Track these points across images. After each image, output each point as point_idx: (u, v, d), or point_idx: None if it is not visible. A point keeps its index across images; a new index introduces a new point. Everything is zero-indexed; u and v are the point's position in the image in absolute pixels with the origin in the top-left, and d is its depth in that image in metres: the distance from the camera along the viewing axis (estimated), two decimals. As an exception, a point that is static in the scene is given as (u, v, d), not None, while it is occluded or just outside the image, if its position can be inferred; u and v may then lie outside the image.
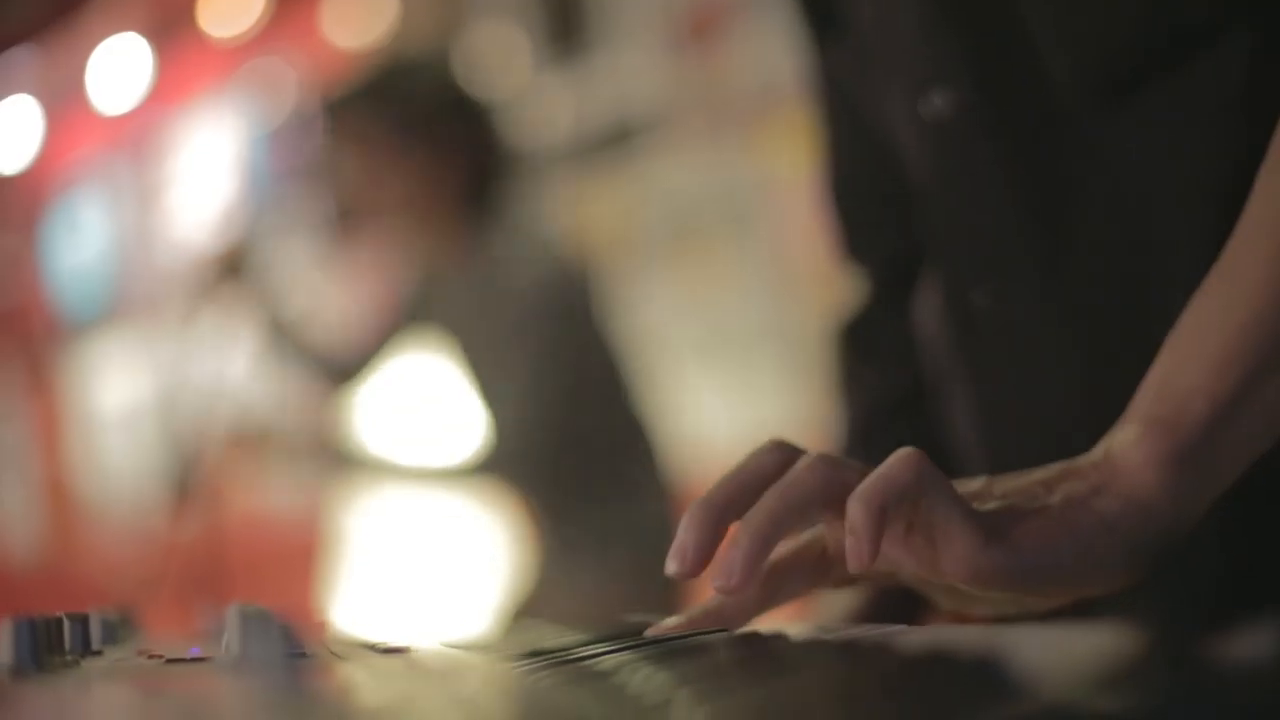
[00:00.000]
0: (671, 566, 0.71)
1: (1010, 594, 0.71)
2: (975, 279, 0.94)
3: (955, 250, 0.96)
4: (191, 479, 2.87)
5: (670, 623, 0.74)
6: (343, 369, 2.93)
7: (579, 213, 4.42)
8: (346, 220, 2.92)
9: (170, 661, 0.71)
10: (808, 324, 3.97)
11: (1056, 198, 0.89)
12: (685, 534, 0.71)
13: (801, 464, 0.72)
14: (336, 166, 2.82)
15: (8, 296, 6.77)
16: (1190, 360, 0.73)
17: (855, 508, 0.67)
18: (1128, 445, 0.72)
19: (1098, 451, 0.73)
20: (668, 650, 0.63)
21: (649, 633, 0.72)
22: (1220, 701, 0.41)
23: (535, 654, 0.65)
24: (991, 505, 0.71)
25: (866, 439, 1.15)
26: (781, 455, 0.74)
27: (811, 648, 0.61)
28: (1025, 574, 0.69)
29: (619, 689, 0.51)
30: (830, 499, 0.70)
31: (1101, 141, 0.86)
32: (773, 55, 4.00)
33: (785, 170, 4.00)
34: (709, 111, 4.15)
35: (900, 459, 0.69)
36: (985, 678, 0.47)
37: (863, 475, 0.69)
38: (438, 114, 2.70)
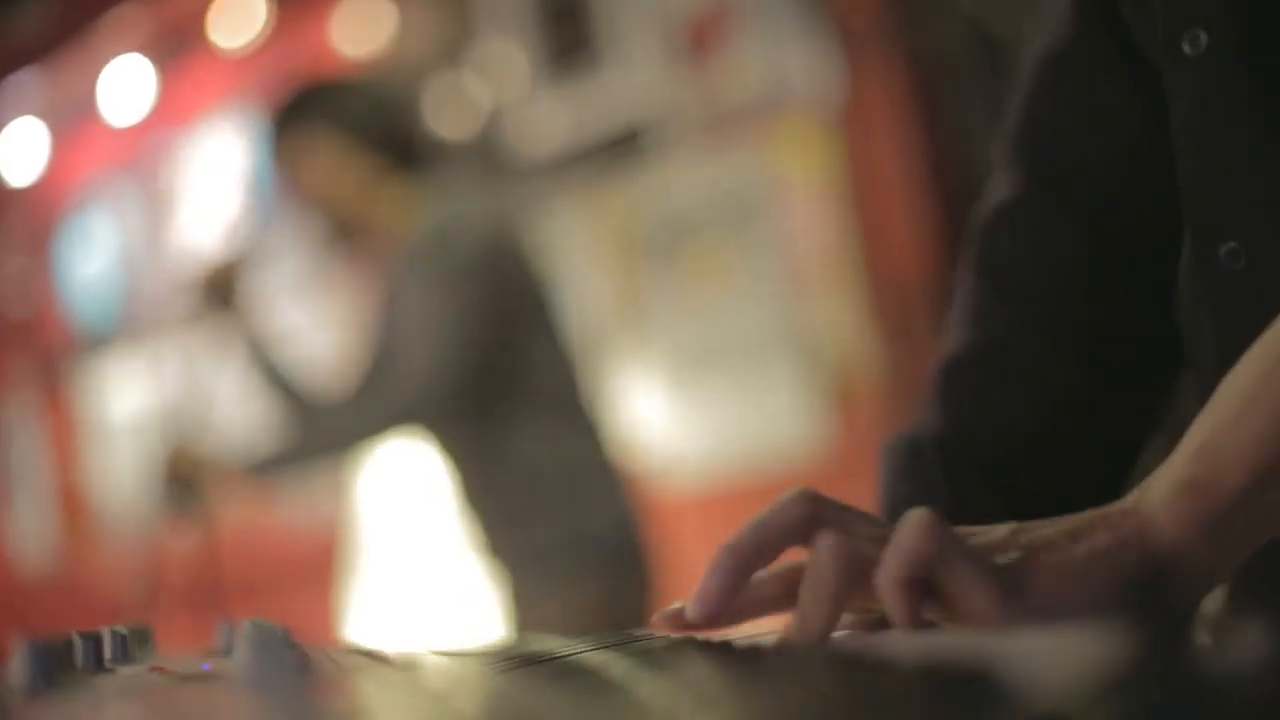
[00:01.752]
0: (693, 611, 0.72)
1: None
2: (1225, 233, 0.89)
3: (1207, 203, 0.91)
4: (188, 496, 2.88)
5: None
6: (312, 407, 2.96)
7: (584, 219, 4.44)
8: (322, 235, 2.94)
9: (183, 678, 0.72)
10: (811, 331, 3.98)
11: None
12: (710, 580, 0.72)
13: (822, 549, 0.72)
14: (285, 180, 2.90)
15: (21, 309, 6.79)
16: (1234, 425, 0.72)
17: (888, 596, 0.69)
18: (1160, 503, 0.72)
19: (1129, 501, 0.73)
20: (661, 659, 0.63)
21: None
22: (1210, 711, 0.41)
23: (527, 659, 0.66)
24: (1013, 555, 0.72)
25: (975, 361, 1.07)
26: (809, 510, 0.74)
27: (807, 660, 0.62)
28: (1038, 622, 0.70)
29: (610, 694, 0.51)
30: (853, 579, 0.71)
31: None
32: (777, 62, 4.02)
33: (791, 176, 4.01)
34: (712, 118, 4.16)
35: (914, 527, 0.70)
36: (980, 689, 0.47)
37: (878, 542, 0.70)
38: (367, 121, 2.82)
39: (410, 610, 4.24)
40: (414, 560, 4.28)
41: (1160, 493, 0.72)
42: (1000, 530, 0.74)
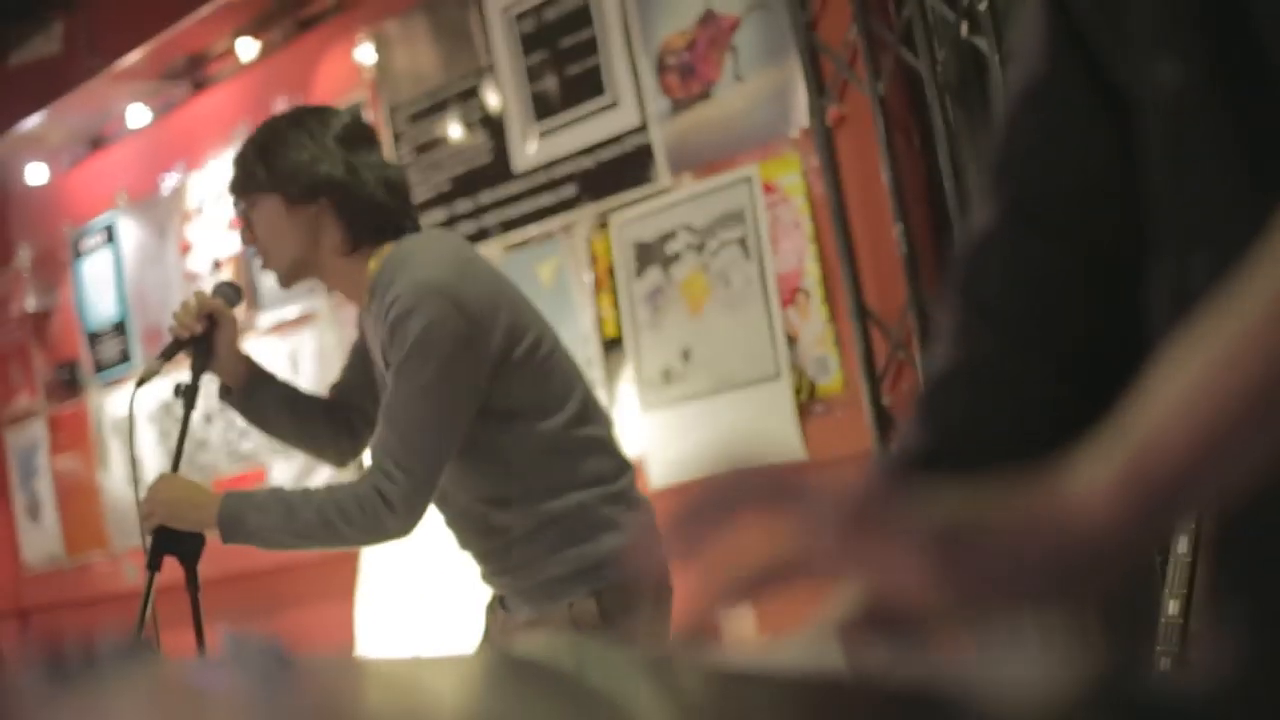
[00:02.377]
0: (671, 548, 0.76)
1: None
2: (1194, 246, 0.90)
3: (1176, 215, 0.93)
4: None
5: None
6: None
7: (572, 242, 4.47)
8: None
9: (166, 682, 0.74)
10: (794, 350, 4.00)
11: (1275, 178, 0.86)
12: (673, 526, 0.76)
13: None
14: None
15: (34, 303, 6.83)
16: (1179, 419, 0.72)
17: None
18: (1096, 493, 0.73)
19: (1063, 479, 0.74)
20: (637, 672, 0.67)
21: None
22: None
23: (513, 663, 0.69)
24: (940, 529, 0.74)
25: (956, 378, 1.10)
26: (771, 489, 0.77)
27: (768, 685, 0.65)
28: (963, 602, 0.73)
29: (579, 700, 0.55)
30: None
31: None
32: (765, 85, 4.04)
33: (779, 197, 4.03)
34: (703, 146, 4.19)
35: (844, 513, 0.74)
36: (945, 712, 0.50)
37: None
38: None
39: (420, 619, 4.25)
40: (423, 571, 4.30)
41: (1097, 482, 0.73)
42: (933, 501, 0.75)
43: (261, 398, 2.98)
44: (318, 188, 2.79)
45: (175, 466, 2.87)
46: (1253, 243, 0.77)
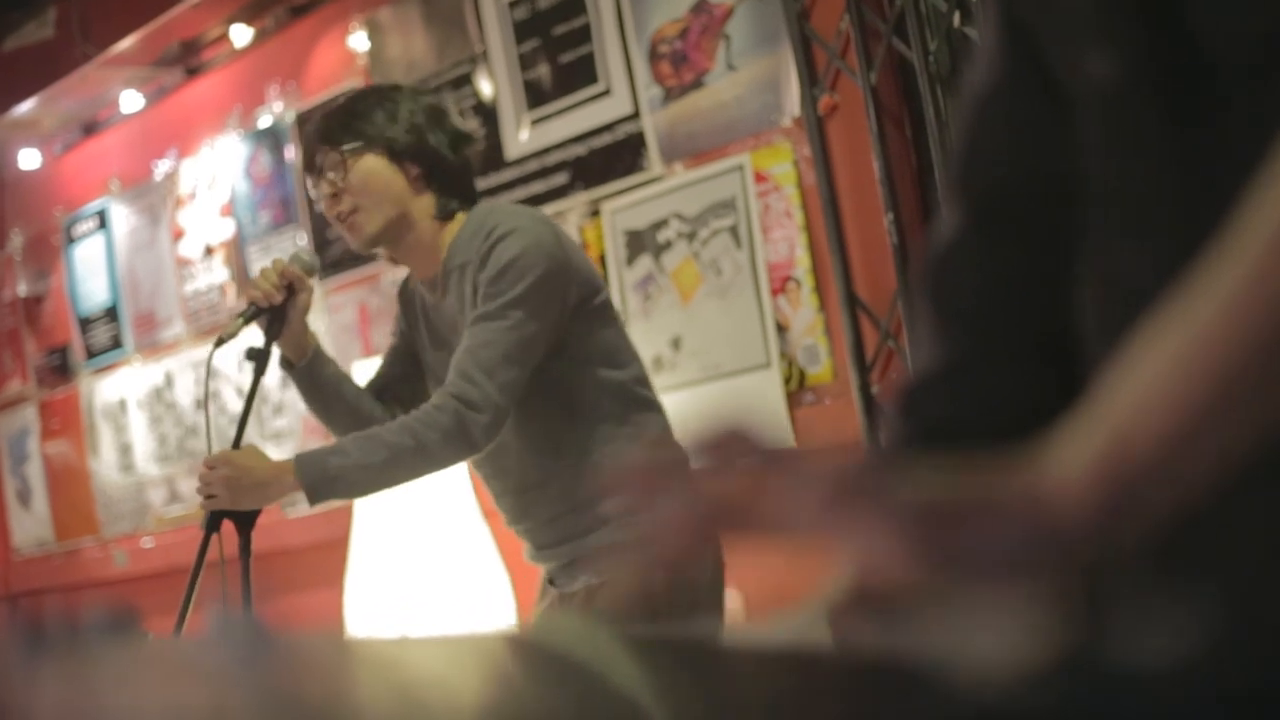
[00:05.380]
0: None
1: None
2: (1126, 236, 0.91)
3: (1108, 205, 0.93)
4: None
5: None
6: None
7: (567, 231, 4.47)
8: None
9: (144, 655, 0.75)
10: (785, 338, 4.00)
11: (1208, 166, 0.86)
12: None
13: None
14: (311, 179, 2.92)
15: (25, 289, 6.83)
16: (1154, 406, 0.72)
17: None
18: (1072, 466, 0.73)
19: (1042, 461, 0.74)
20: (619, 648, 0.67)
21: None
22: (1128, 698, 0.44)
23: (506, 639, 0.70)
24: (921, 505, 0.74)
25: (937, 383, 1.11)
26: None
27: (750, 655, 0.66)
28: (939, 573, 0.73)
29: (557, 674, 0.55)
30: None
31: (1253, 119, 0.83)
32: (758, 74, 4.05)
33: (770, 186, 4.04)
34: (695, 135, 4.20)
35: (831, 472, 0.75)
36: (912, 679, 0.51)
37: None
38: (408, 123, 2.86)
39: (409, 604, 4.26)
40: (412, 556, 4.31)
41: (1075, 464, 0.73)
42: (912, 479, 0.76)
43: (322, 375, 2.96)
44: (422, 151, 2.84)
45: (239, 436, 2.86)
46: (1183, 234, 0.80)
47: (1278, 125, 0.75)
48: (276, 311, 2.87)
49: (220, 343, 2.86)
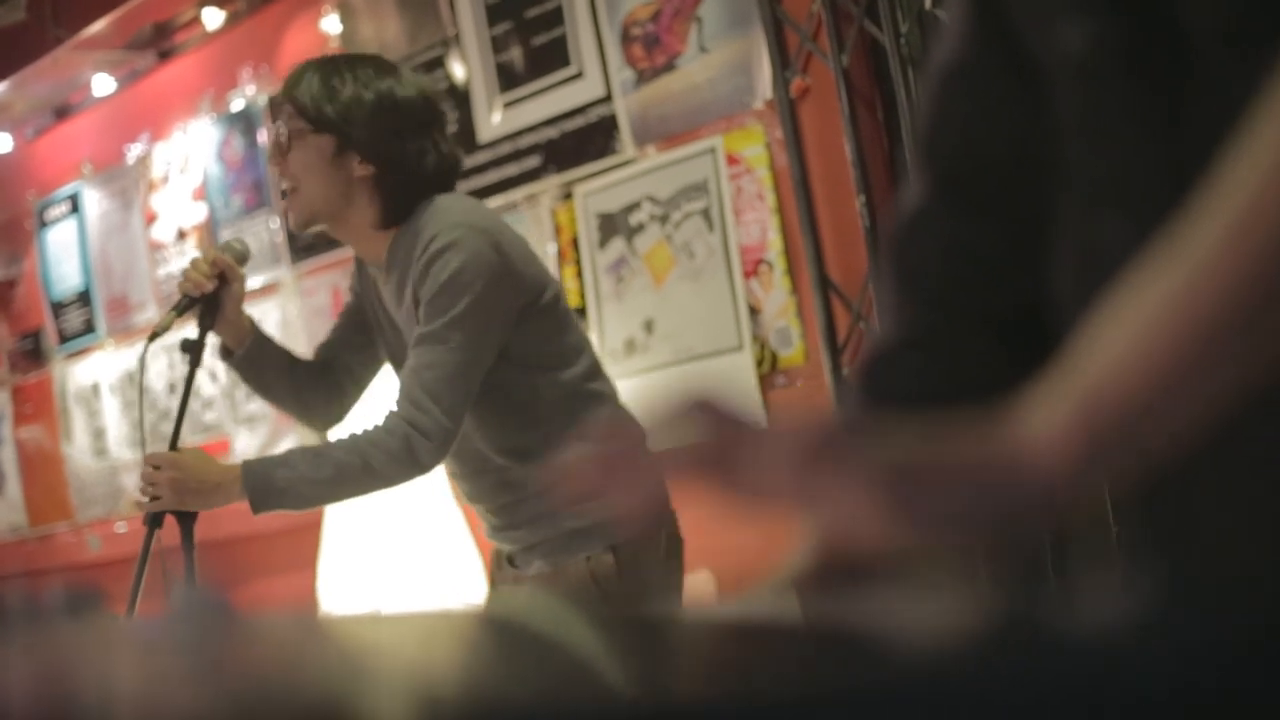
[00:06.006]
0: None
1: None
2: (1101, 207, 0.92)
3: (1083, 177, 0.94)
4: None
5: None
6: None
7: (540, 214, 4.47)
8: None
9: (118, 631, 0.76)
10: (756, 320, 4.01)
11: (1181, 134, 0.86)
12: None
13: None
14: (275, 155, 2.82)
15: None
16: (1128, 366, 0.73)
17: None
18: (1046, 424, 0.74)
19: (1016, 419, 0.75)
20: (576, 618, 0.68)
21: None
22: (1057, 665, 0.45)
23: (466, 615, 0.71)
24: (896, 464, 0.75)
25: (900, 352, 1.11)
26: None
27: (700, 623, 0.66)
28: (916, 535, 0.74)
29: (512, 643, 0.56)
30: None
31: (1227, 87, 0.82)
32: (730, 56, 4.05)
33: (742, 168, 4.04)
34: (668, 118, 4.20)
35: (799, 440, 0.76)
36: (856, 648, 0.51)
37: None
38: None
39: (383, 587, 4.27)
40: (385, 539, 4.31)
41: (1049, 423, 0.74)
42: (888, 438, 0.77)
43: (263, 360, 2.93)
44: (377, 153, 2.74)
45: (176, 432, 2.83)
46: (1159, 202, 0.80)
47: (1251, 94, 0.75)
48: (210, 301, 2.83)
49: (154, 336, 2.81)
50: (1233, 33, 0.84)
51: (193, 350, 2.83)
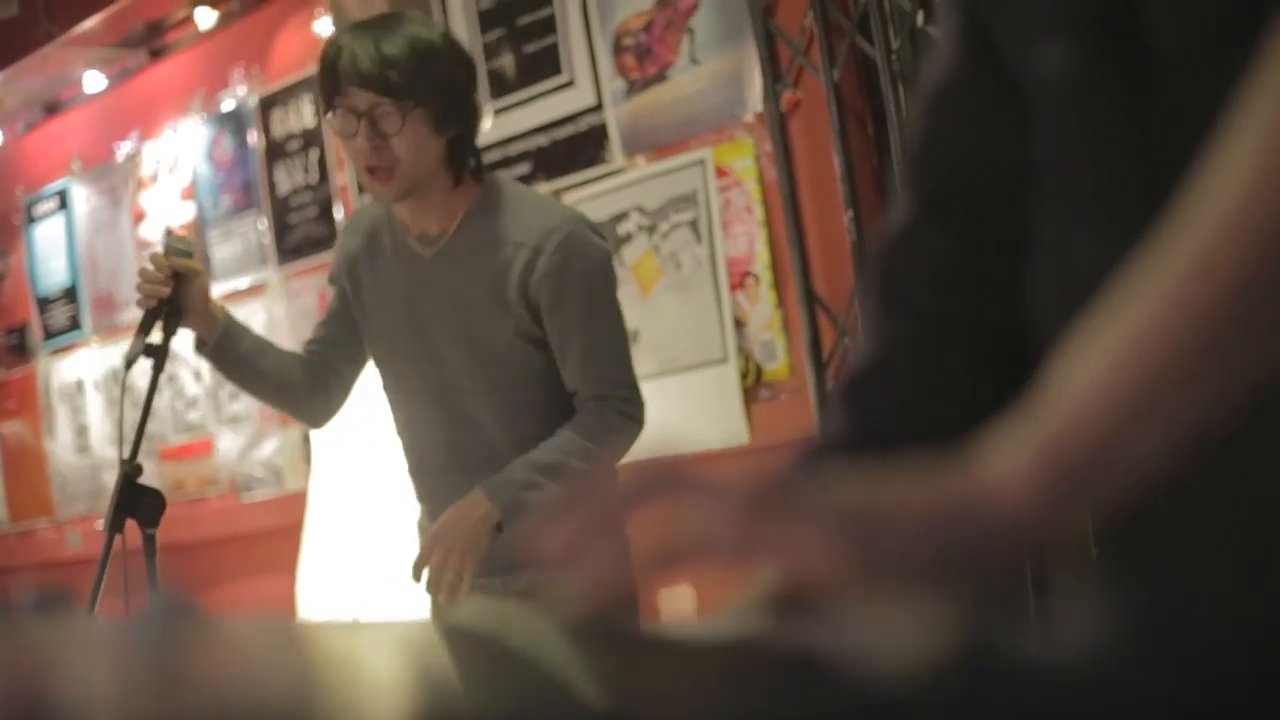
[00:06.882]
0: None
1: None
2: (1077, 229, 0.91)
3: (1060, 197, 0.93)
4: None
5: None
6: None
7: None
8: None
9: (88, 632, 0.76)
10: (742, 333, 4.01)
11: (1159, 154, 0.86)
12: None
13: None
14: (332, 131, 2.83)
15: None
16: (1095, 403, 0.72)
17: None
18: (1009, 465, 0.73)
19: (978, 461, 0.74)
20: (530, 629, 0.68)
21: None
22: (1027, 689, 0.45)
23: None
24: (847, 509, 0.73)
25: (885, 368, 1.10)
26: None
27: (659, 644, 0.66)
28: (874, 580, 0.72)
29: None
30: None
31: (1204, 106, 0.81)
32: (720, 68, 4.05)
33: (731, 181, 4.04)
34: (658, 128, 4.20)
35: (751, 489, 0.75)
36: (815, 670, 0.51)
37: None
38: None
39: (366, 586, 4.26)
40: (370, 536, 4.30)
41: (1012, 464, 0.73)
42: (846, 482, 0.76)
43: (236, 351, 2.90)
44: (465, 118, 2.84)
45: (138, 441, 2.80)
46: (1133, 224, 0.79)
47: (1222, 117, 0.75)
48: (171, 306, 2.81)
49: (129, 364, 2.77)
50: (1210, 53, 0.83)
51: (156, 355, 2.80)
